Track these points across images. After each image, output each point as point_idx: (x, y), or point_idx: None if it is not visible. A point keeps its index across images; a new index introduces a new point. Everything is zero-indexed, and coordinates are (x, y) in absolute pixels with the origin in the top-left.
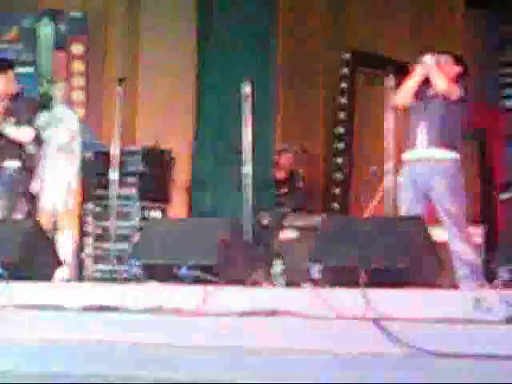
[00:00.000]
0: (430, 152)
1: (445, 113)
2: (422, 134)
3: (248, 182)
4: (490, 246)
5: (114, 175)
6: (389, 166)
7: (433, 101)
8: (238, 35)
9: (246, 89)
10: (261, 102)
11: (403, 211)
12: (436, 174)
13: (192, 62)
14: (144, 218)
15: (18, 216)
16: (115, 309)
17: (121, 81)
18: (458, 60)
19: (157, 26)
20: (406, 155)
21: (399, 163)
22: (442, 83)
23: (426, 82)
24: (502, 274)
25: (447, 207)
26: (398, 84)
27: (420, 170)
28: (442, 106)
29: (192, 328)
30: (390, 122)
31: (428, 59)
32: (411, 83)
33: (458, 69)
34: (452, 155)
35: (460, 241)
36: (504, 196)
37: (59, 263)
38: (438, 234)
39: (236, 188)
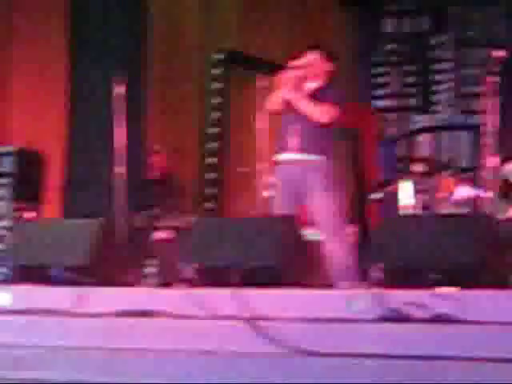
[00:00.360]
0: (301, 156)
1: (313, 119)
2: (293, 139)
3: (121, 182)
4: (362, 245)
5: None
6: (261, 165)
7: None
8: (110, 36)
9: (119, 89)
10: (133, 103)
11: (276, 211)
12: (309, 173)
13: (65, 62)
14: (17, 219)
15: None
16: None
17: None
18: (329, 56)
19: (29, 25)
20: (279, 156)
21: (272, 163)
22: (316, 116)
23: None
24: (374, 273)
25: (320, 207)
26: (272, 84)
27: (293, 170)
28: None
29: (65, 329)
30: (262, 123)
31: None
32: (279, 94)
33: (329, 65)
34: (324, 158)
35: (333, 241)
36: (375, 196)
37: None
38: (311, 233)
39: (109, 189)
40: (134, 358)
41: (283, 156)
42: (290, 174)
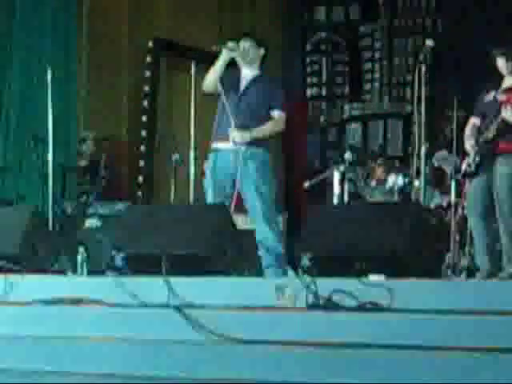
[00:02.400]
0: (237, 145)
1: (254, 108)
2: (232, 123)
3: (51, 170)
4: (292, 233)
5: None
6: (194, 153)
7: (242, 96)
8: (42, 21)
9: (49, 77)
10: (64, 90)
11: (209, 198)
12: (246, 160)
13: None
14: None
15: None
16: None
17: None
18: (261, 41)
19: None
20: (216, 143)
21: (205, 150)
22: (273, 133)
23: (236, 72)
24: (305, 260)
25: (255, 194)
26: (205, 72)
27: (229, 156)
28: (255, 98)
29: None
30: (194, 110)
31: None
32: (215, 68)
33: (262, 51)
34: (260, 147)
35: (265, 228)
36: (306, 184)
37: None
38: (244, 221)
39: (39, 176)
40: (66, 346)
41: (220, 142)
42: (226, 160)
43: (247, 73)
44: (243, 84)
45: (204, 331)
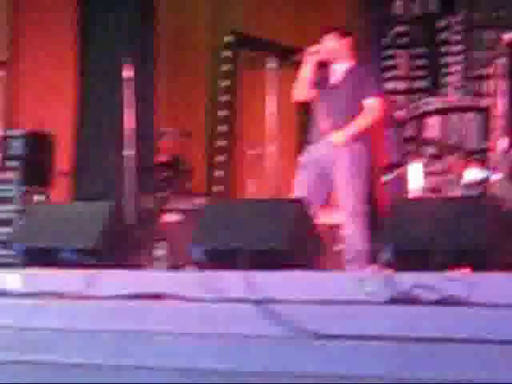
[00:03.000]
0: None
1: (348, 100)
2: (326, 120)
3: (130, 165)
4: (372, 227)
5: None
6: (271, 148)
7: (335, 90)
8: (119, 18)
9: (128, 73)
10: (143, 86)
11: (299, 192)
12: (341, 155)
13: (74, 46)
14: (26, 203)
15: None
16: None
17: (1, 64)
18: (343, 33)
19: (40, 11)
20: (311, 138)
21: (282, 146)
22: (370, 123)
23: (325, 69)
24: (385, 254)
25: (348, 189)
26: (281, 66)
27: (323, 151)
28: (349, 91)
29: (76, 312)
30: (272, 105)
31: None
32: (303, 76)
33: (348, 40)
34: (359, 137)
35: (353, 223)
36: (385, 178)
37: None
38: (326, 216)
39: (119, 172)
40: (145, 341)
41: (315, 138)
42: (320, 154)
43: (337, 68)
44: (335, 79)
45: (283, 325)
